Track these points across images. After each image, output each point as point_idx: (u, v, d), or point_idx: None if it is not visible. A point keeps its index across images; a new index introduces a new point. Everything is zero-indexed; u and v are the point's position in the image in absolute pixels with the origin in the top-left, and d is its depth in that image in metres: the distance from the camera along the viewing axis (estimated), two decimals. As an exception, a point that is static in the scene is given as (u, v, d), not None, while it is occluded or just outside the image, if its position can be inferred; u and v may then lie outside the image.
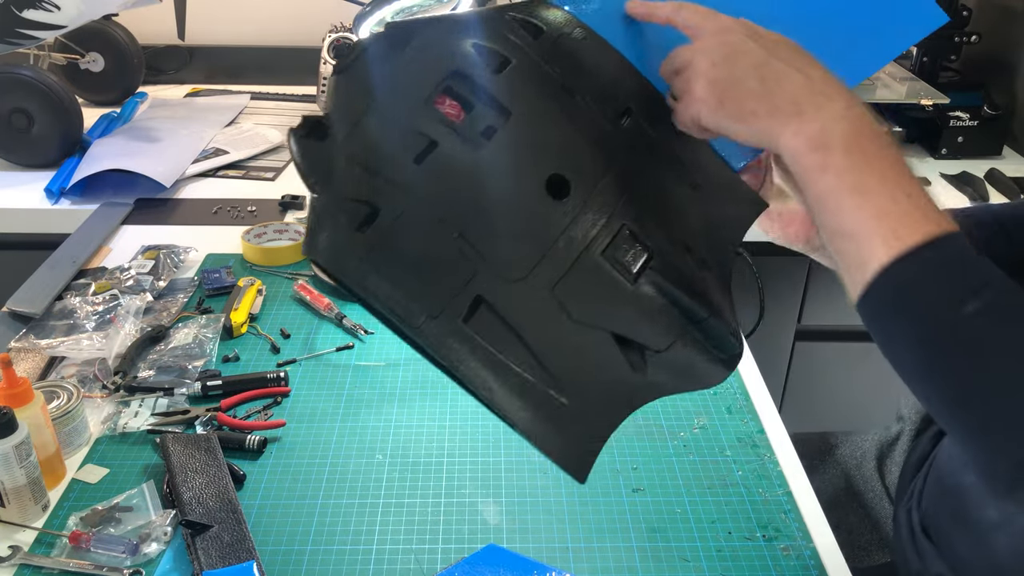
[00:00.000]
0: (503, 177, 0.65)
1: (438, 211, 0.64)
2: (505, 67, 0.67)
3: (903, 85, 1.82)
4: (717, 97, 0.66)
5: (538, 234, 0.65)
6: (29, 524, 0.86)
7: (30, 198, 1.51)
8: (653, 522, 0.89)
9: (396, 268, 0.63)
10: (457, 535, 0.87)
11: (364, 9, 1.20)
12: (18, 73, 1.57)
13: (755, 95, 0.65)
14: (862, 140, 0.63)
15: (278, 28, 2.10)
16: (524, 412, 0.66)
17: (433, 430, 1.01)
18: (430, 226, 0.63)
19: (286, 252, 1.34)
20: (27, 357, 1.11)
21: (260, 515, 0.89)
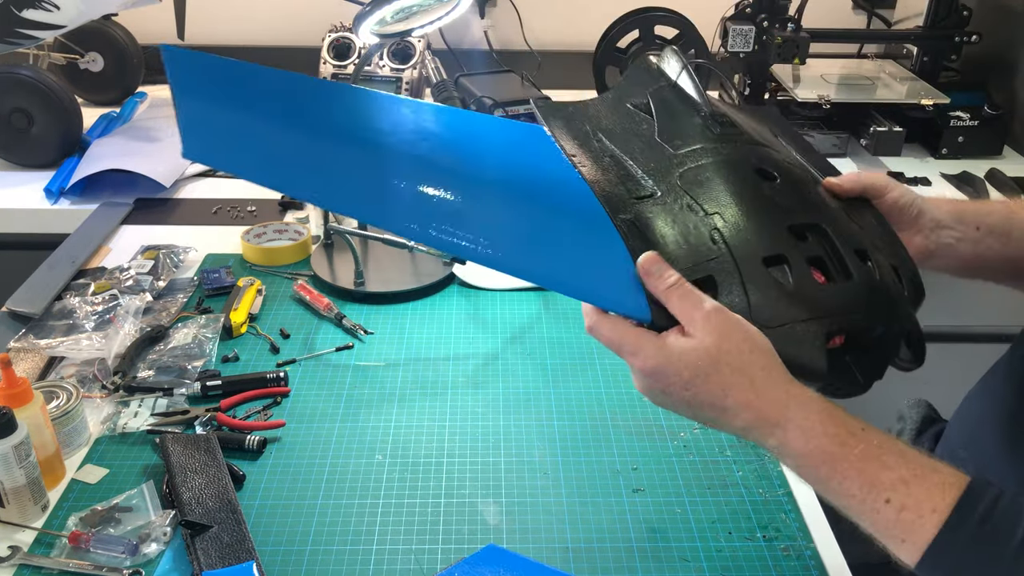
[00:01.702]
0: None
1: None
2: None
3: (903, 85, 1.82)
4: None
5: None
6: (29, 524, 0.86)
7: (30, 198, 1.51)
8: (653, 522, 0.88)
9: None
10: (457, 535, 0.87)
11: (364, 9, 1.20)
12: (18, 73, 1.57)
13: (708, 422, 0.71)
14: (820, 453, 0.66)
15: (278, 28, 2.10)
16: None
17: (433, 430, 1.01)
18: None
19: (286, 252, 1.34)
20: (27, 357, 1.11)
21: (260, 515, 0.88)
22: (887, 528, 0.64)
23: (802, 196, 0.82)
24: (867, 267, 0.77)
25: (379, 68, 1.86)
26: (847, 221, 0.82)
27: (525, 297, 1.27)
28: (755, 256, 0.75)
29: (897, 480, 0.64)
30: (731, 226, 0.77)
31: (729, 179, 0.80)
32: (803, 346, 0.72)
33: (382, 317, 1.22)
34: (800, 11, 1.81)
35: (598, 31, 1.83)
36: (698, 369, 0.67)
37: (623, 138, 0.87)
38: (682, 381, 0.68)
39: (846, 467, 0.65)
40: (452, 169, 0.80)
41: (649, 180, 0.82)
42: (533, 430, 1.01)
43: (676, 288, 0.70)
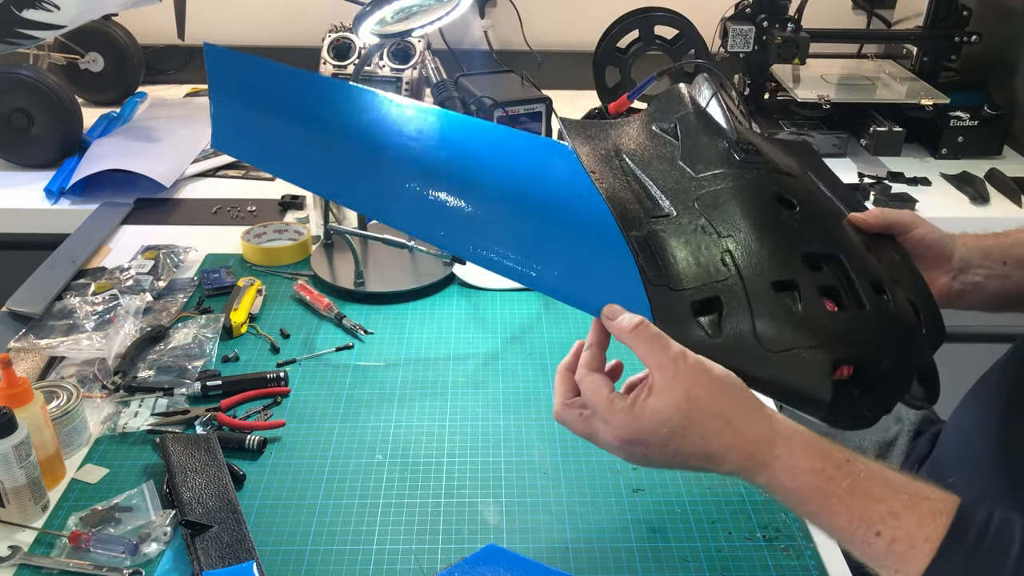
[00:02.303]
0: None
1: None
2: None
3: (903, 85, 1.82)
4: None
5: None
6: (29, 524, 0.86)
7: (30, 198, 1.51)
8: (653, 522, 0.88)
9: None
10: (457, 535, 0.87)
11: (364, 9, 1.20)
12: (18, 73, 1.57)
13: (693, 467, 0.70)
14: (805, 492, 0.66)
15: (278, 28, 2.10)
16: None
17: (433, 430, 1.01)
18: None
19: (286, 252, 1.34)
20: (27, 357, 1.11)
21: (260, 515, 0.89)
22: (880, 560, 0.64)
23: (820, 226, 0.82)
24: (881, 300, 0.76)
25: (379, 68, 1.86)
26: (866, 254, 0.81)
27: (525, 297, 1.27)
28: (765, 280, 0.74)
29: (886, 513, 0.64)
30: (743, 249, 0.77)
31: (746, 203, 0.81)
32: (807, 373, 0.71)
33: (382, 317, 1.22)
34: (800, 11, 1.81)
35: (598, 31, 1.83)
36: (673, 425, 0.67)
37: (645, 159, 0.88)
38: (660, 441, 0.67)
39: (834, 502, 0.65)
40: (475, 181, 0.81)
41: (666, 200, 0.82)
42: (533, 430, 1.01)
43: (641, 331, 0.69)
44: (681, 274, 0.76)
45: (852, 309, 0.75)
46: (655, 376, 0.68)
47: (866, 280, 0.77)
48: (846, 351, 0.72)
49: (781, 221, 0.80)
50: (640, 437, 0.68)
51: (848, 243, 0.82)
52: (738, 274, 0.75)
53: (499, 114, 1.53)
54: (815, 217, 0.82)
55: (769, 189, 0.83)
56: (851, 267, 0.77)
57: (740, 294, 0.74)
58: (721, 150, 0.87)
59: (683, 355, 0.68)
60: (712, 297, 0.74)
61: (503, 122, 1.54)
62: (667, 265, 0.77)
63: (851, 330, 0.74)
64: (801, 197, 0.83)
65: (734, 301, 0.74)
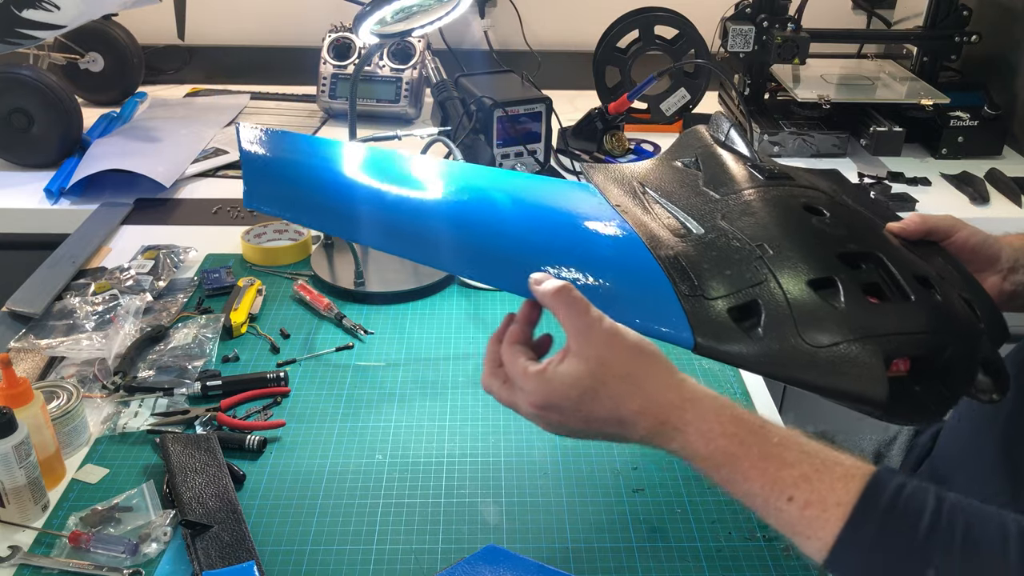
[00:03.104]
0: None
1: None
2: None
3: (903, 85, 1.82)
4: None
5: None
6: (29, 524, 0.86)
7: (30, 198, 1.51)
8: (653, 522, 0.88)
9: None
10: (457, 535, 0.87)
11: (364, 9, 1.20)
12: (18, 73, 1.57)
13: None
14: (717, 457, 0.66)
15: (278, 28, 2.10)
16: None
17: (433, 430, 1.01)
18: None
19: (286, 252, 1.34)
20: (27, 357, 1.11)
21: (260, 515, 0.88)
22: (793, 526, 0.63)
23: (854, 229, 0.81)
24: (928, 292, 0.75)
25: (379, 68, 1.86)
26: (907, 253, 0.80)
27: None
28: (801, 279, 0.74)
29: (799, 477, 0.63)
30: (775, 252, 0.76)
31: (774, 213, 0.81)
32: (859, 369, 0.69)
33: (382, 317, 1.22)
34: (800, 11, 1.81)
35: (598, 31, 1.83)
36: (584, 387, 0.67)
37: (669, 190, 0.90)
38: (572, 404, 0.67)
39: (747, 467, 0.64)
40: (504, 224, 0.84)
41: (693, 221, 0.83)
42: (533, 430, 1.00)
43: (562, 294, 0.69)
44: (714, 283, 0.75)
45: (897, 301, 0.74)
46: (570, 341, 0.68)
47: (909, 273, 0.76)
48: (895, 342, 0.71)
49: (812, 225, 0.80)
50: (553, 402, 0.68)
51: (886, 243, 0.81)
52: (773, 276, 0.74)
53: (499, 114, 1.53)
54: (847, 222, 0.82)
55: (796, 200, 0.83)
56: (892, 263, 0.76)
57: (778, 296, 0.73)
58: (745, 173, 0.88)
59: (599, 320, 0.68)
60: (749, 302, 0.74)
61: (503, 122, 1.54)
62: (699, 277, 0.76)
63: (898, 320, 0.72)
64: (830, 207, 0.83)
65: (772, 303, 0.73)
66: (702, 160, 0.94)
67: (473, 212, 0.86)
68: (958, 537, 0.60)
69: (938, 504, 0.61)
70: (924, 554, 0.60)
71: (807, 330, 0.71)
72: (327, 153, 0.92)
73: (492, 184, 0.91)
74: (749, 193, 0.85)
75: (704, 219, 0.83)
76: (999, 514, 0.62)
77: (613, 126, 1.70)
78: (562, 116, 1.73)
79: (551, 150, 1.63)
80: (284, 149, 0.91)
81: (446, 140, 1.33)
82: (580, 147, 1.72)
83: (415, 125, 1.89)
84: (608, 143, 1.69)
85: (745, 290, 0.74)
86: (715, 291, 0.75)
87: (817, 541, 0.62)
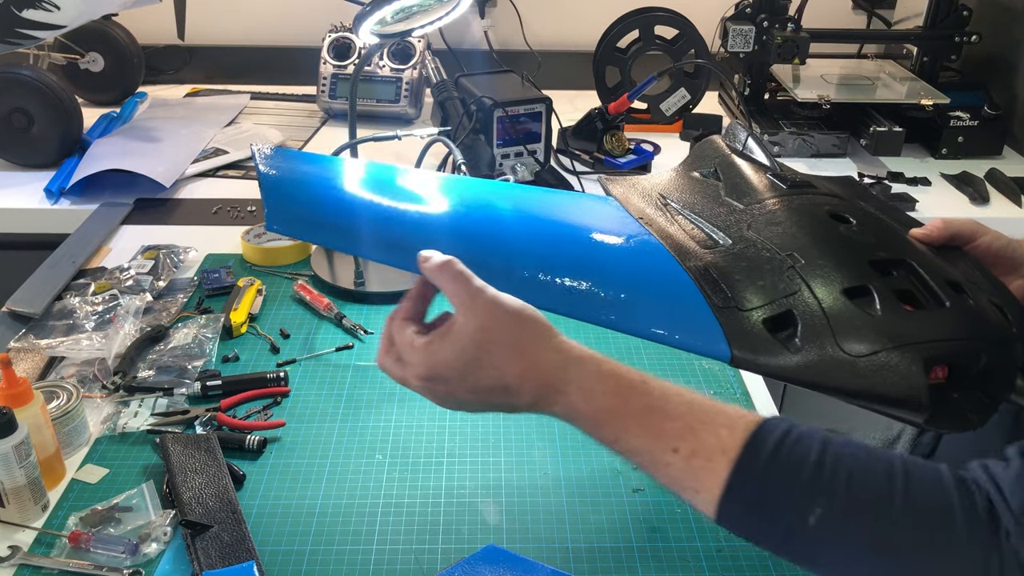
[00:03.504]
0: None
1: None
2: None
3: (903, 85, 1.82)
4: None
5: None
6: (29, 524, 0.86)
7: (30, 198, 1.51)
8: (653, 522, 0.88)
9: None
10: (457, 535, 0.87)
11: (364, 9, 1.20)
12: (18, 73, 1.57)
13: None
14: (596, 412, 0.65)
15: (278, 28, 2.10)
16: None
17: (433, 430, 1.01)
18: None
19: (286, 252, 1.34)
20: (27, 357, 1.11)
21: (260, 515, 0.88)
22: (680, 480, 0.63)
23: (882, 235, 0.81)
24: (961, 297, 0.75)
25: (379, 68, 1.86)
26: (936, 259, 0.80)
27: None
28: (835, 288, 0.73)
29: (683, 428, 0.62)
30: (808, 263, 0.75)
31: (802, 222, 0.80)
32: (899, 377, 0.68)
33: (382, 317, 1.21)
34: (800, 11, 1.81)
35: (598, 31, 1.83)
36: (468, 356, 0.67)
37: (691, 201, 0.89)
38: (457, 374, 0.67)
39: (630, 422, 0.64)
40: (526, 240, 0.84)
41: (719, 233, 0.83)
42: (533, 430, 1.01)
43: (447, 268, 0.69)
44: (747, 295, 0.75)
45: (932, 308, 0.73)
46: (456, 314, 0.69)
47: (942, 279, 0.75)
48: (935, 349, 0.70)
49: (840, 233, 0.79)
50: (438, 372, 0.68)
51: (915, 249, 0.80)
52: (806, 286, 0.74)
53: (499, 114, 1.53)
54: (874, 229, 0.82)
55: (821, 209, 0.82)
56: (923, 269, 0.76)
57: (813, 305, 0.72)
58: (766, 182, 0.88)
59: (482, 290, 0.68)
60: (784, 312, 0.73)
61: (503, 122, 1.54)
62: (731, 288, 0.76)
63: (936, 327, 0.72)
64: (856, 214, 0.82)
65: (808, 313, 0.72)
66: (721, 170, 0.93)
67: (497, 230, 0.85)
68: (843, 477, 0.59)
69: (824, 447, 0.60)
70: (810, 495, 0.59)
71: (845, 339, 0.70)
72: (348, 173, 0.91)
73: (516, 201, 0.90)
74: (773, 202, 0.84)
75: (730, 229, 0.83)
76: (886, 453, 0.61)
77: (613, 126, 1.70)
78: (562, 116, 1.73)
79: (551, 150, 1.63)
80: (303, 170, 0.90)
81: (446, 140, 1.33)
82: (580, 147, 1.72)
83: (415, 125, 1.89)
84: (608, 143, 1.69)
85: (779, 300, 0.74)
86: (749, 302, 0.74)
87: (706, 493, 0.61)
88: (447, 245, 0.81)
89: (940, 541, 0.58)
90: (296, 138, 1.81)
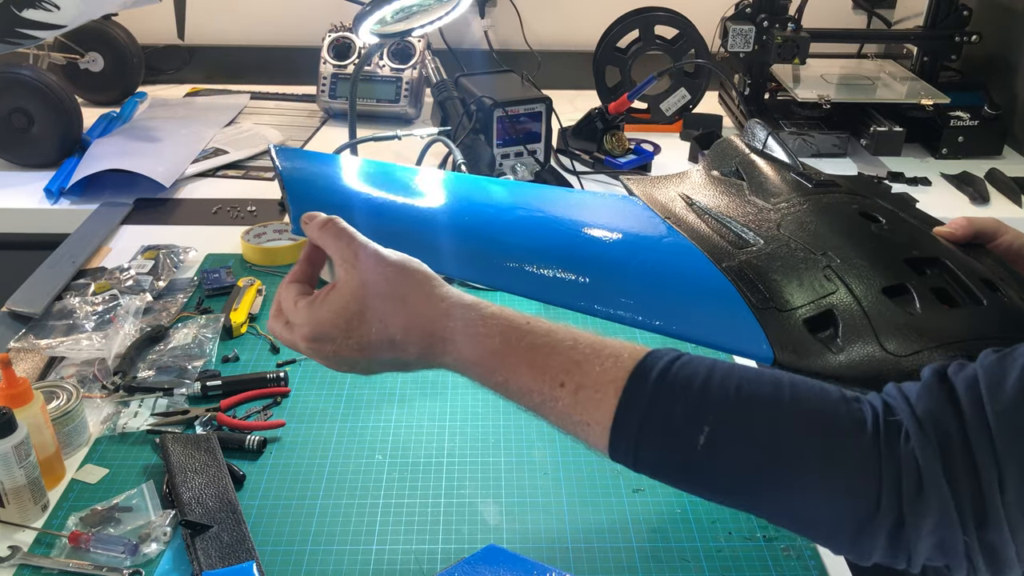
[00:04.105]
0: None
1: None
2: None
3: (903, 85, 1.82)
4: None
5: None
6: (29, 524, 0.86)
7: (30, 198, 1.51)
8: (653, 522, 0.88)
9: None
10: (457, 535, 0.87)
11: (364, 9, 1.20)
12: (18, 73, 1.57)
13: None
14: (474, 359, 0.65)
15: (278, 28, 2.10)
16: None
17: (433, 430, 1.01)
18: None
19: (286, 252, 1.34)
20: (27, 357, 1.11)
21: (260, 515, 0.88)
22: (570, 415, 0.62)
23: (912, 234, 0.81)
24: (996, 295, 0.75)
25: (379, 68, 1.86)
26: (966, 257, 0.80)
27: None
28: (875, 288, 0.73)
29: (569, 363, 0.62)
30: (844, 261, 0.75)
31: (833, 222, 0.80)
32: None
33: (382, 317, 1.21)
34: (800, 11, 1.81)
35: (598, 31, 1.83)
36: (351, 312, 0.66)
37: (716, 201, 0.89)
38: (342, 332, 0.67)
39: (514, 362, 0.63)
40: (555, 240, 0.83)
41: (749, 232, 0.82)
42: (533, 430, 1.01)
43: (330, 227, 0.69)
44: (786, 295, 0.74)
45: (970, 306, 0.73)
46: (338, 271, 0.68)
47: (976, 277, 0.75)
48: (975, 347, 0.69)
49: (873, 233, 0.79)
50: (323, 331, 0.67)
51: (946, 248, 0.80)
52: (845, 286, 0.74)
53: (499, 114, 1.53)
54: (904, 228, 0.82)
55: (850, 208, 0.82)
56: (957, 268, 0.76)
57: (853, 305, 0.72)
58: (791, 180, 0.87)
59: (364, 246, 0.68)
60: (825, 312, 0.73)
61: (503, 122, 1.54)
62: (769, 289, 0.75)
63: (976, 325, 0.72)
64: (884, 212, 0.82)
65: (848, 313, 0.72)
66: (743, 169, 0.92)
67: (526, 229, 0.84)
68: (731, 392, 0.58)
69: (711, 368, 0.60)
70: (698, 413, 0.58)
71: (887, 338, 0.70)
72: (372, 174, 0.90)
73: (542, 200, 0.89)
74: (801, 201, 0.84)
75: (760, 229, 0.82)
76: (772, 371, 0.61)
77: (613, 126, 1.70)
78: (562, 116, 1.73)
79: (551, 150, 1.63)
80: (325, 172, 0.89)
81: (446, 140, 1.33)
82: (580, 147, 1.72)
83: (415, 125, 1.89)
84: (608, 143, 1.69)
85: (819, 300, 0.73)
86: (788, 303, 0.74)
87: (596, 427, 0.61)
88: (477, 250, 0.81)
89: (830, 447, 0.56)
90: (296, 138, 1.81)
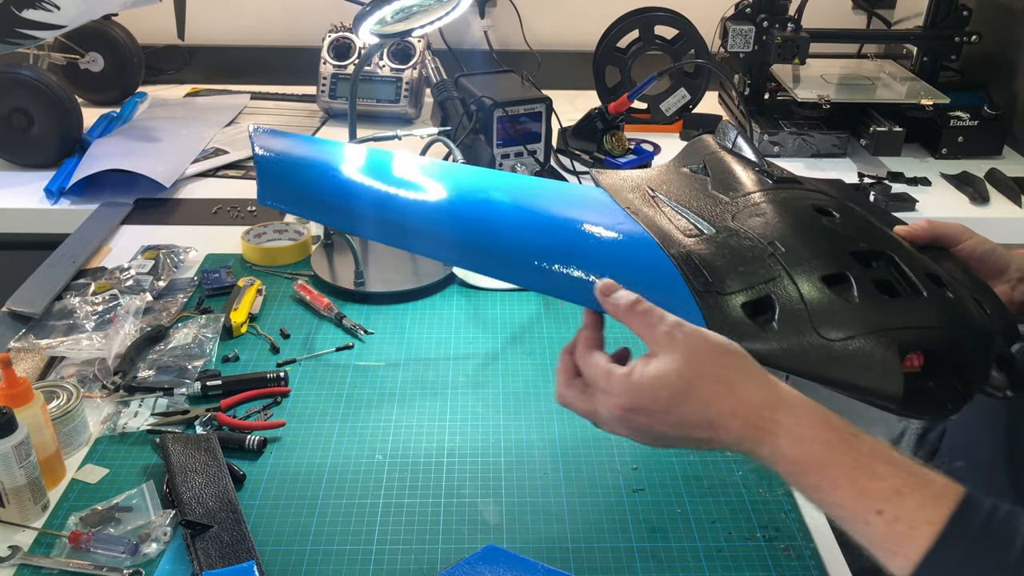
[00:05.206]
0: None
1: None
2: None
3: (903, 85, 1.82)
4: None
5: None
6: (29, 524, 0.86)
7: (30, 198, 1.51)
8: (653, 522, 0.88)
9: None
10: (457, 535, 0.87)
11: (364, 9, 1.20)
12: (18, 73, 1.57)
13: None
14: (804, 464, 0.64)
15: (278, 28, 2.10)
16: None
17: (433, 430, 1.01)
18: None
19: (286, 252, 1.34)
20: (27, 357, 1.11)
21: (260, 515, 0.88)
22: (879, 540, 0.62)
23: (864, 229, 0.82)
24: (940, 289, 0.75)
25: (379, 68, 1.86)
26: (917, 253, 0.81)
27: (525, 297, 1.27)
28: (814, 275, 0.74)
29: (889, 490, 0.62)
30: (789, 251, 0.77)
31: (785, 214, 0.82)
32: (874, 363, 0.69)
33: (382, 317, 1.22)
34: (800, 11, 1.81)
35: (598, 31, 1.83)
36: (674, 389, 0.66)
37: (678, 193, 0.91)
38: (662, 407, 0.66)
39: (837, 475, 0.63)
40: (515, 226, 0.86)
41: (703, 222, 0.84)
42: (533, 430, 1.01)
43: (635, 306, 0.69)
44: (728, 280, 0.76)
45: (910, 297, 0.74)
46: (653, 347, 0.68)
47: (921, 271, 0.76)
48: (909, 335, 0.71)
49: (823, 225, 0.81)
50: (641, 404, 0.67)
51: (896, 243, 0.81)
52: (786, 272, 0.75)
53: (499, 114, 1.53)
54: (857, 224, 0.83)
55: (805, 202, 0.84)
56: (903, 261, 0.77)
57: (792, 291, 0.74)
58: (753, 177, 0.89)
59: (679, 325, 0.68)
60: (763, 297, 0.74)
61: (503, 122, 1.54)
62: (713, 274, 0.77)
63: (911, 314, 0.72)
64: (840, 210, 0.83)
65: (786, 298, 0.74)
66: (709, 166, 0.95)
67: (478, 211, 0.87)
68: None
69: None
70: (1017, 574, 0.58)
71: (821, 325, 0.72)
72: (336, 153, 0.93)
73: (500, 185, 0.92)
74: (758, 196, 0.86)
75: (715, 220, 0.84)
76: None
77: (613, 126, 1.70)
78: (562, 116, 1.73)
79: (551, 150, 1.63)
80: (294, 150, 0.92)
81: (446, 140, 1.33)
82: (580, 147, 1.72)
83: (415, 125, 1.89)
84: (608, 143, 1.69)
85: (759, 286, 0.75)
86: (729, 287, 0.76)
87: (903, 559, 0.61)
88: (436, 227, 0.84)
89: None
90: (296, 138, 1.81)
